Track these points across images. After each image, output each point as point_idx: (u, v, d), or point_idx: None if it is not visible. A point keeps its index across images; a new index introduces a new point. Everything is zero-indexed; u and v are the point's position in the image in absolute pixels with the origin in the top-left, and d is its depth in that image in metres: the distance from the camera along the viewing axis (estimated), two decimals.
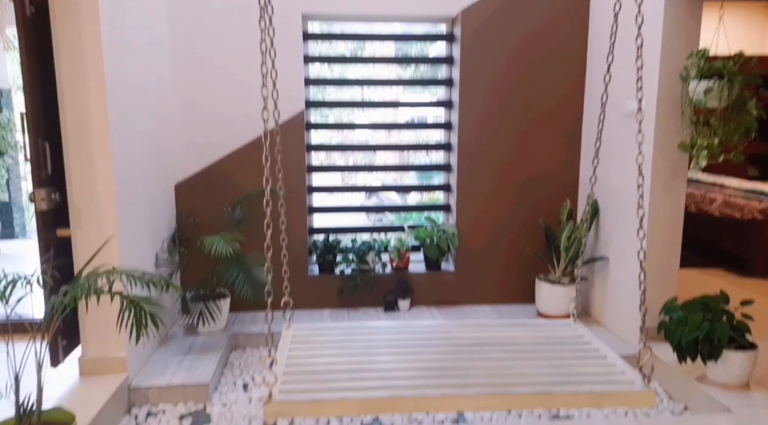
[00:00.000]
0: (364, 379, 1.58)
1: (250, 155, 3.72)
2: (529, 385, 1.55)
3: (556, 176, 3.90)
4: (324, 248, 3.93)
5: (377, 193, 4.71)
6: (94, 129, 2.61)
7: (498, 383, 1.55)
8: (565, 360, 1.72)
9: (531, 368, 1.66)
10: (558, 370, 1.65)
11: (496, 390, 1.51)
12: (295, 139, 3.77)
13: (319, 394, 1.50)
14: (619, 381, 1.60)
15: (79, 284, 2.05)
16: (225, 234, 3.24)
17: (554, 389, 1.53)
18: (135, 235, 2.94)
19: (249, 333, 3.51)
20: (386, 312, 3.84)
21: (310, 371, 1.64)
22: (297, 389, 1.53)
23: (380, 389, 1.52)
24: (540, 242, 3.90)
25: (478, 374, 1.62)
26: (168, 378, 2.84)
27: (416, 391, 1.50)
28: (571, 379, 1.60)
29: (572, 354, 1.77)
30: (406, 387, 1.52)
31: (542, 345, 1.84)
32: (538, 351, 1.79)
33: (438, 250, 3.87)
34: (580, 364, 1.70)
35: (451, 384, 1.54)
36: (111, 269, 2.16)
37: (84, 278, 2.07)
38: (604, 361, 1.72)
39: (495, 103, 3.81)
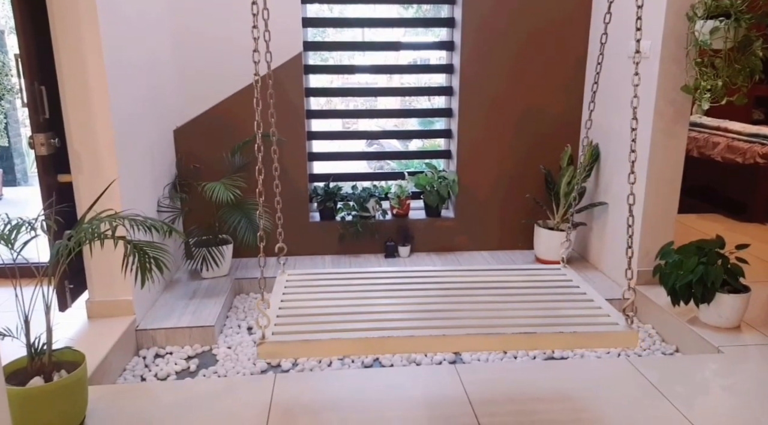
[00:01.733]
0: (358, 321, 1.64)
1: (249, 99, 3.68)
2: (515, 327, 1.60)
3: (559, 121, 3.85)
4: (324, 195, 3.95)
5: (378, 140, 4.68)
6: (90, 72, 2.59)
7: (486, 324, 1.60)
8: (552, 303, 1.76)
9: (519, 310, 1.71)
10: (545, 313, 1.70)
11: (484, 332, 1.56)
12: (293, 83, 3.71)
13: (312, 335, 1.55)
14: (603, 323, 1.64)
15: (83, 229, 2.09)
16: (225, 180, 3.26)
17: (540, 330, 1.58)
18: (136, 180, 2.97)
19: (252, 277, 3.60)
20: (387, 259, 3.90)
21: (303, 313, 1.70)
22: (290, 330, 1.58)
23: (373, 330, 1.57)
24: (540, 188, 3.90)
25: (468, 316, 1.66)
26: (174, 320, 2.94)
27: (408, 332, 1.55)
28: (557, 321, 1.65)
29: (560, 297, 1.82)
30: (398, 329, 1.58)
31: (532, 288, 1.88)
32: (527, 294, 1.84)
33: (438, 197, 3.89)
34: (567, 306, 1.75)
35: (442, 326, 1.59)
36: (114, 214, 2.19)
37: (87, 222, 2.10)
38: (591, 304, 1.76)
39: (497, 45, 3.71)
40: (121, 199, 2.74)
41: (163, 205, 3.35)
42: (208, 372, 2.65)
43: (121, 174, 2.75)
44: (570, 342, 1.57)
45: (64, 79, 2.59)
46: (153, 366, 2.71)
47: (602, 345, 1.57)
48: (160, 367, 2.68)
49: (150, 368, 2.69)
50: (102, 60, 2.58)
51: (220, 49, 3.59)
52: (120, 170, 2.74)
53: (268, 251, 3.84)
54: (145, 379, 2.59)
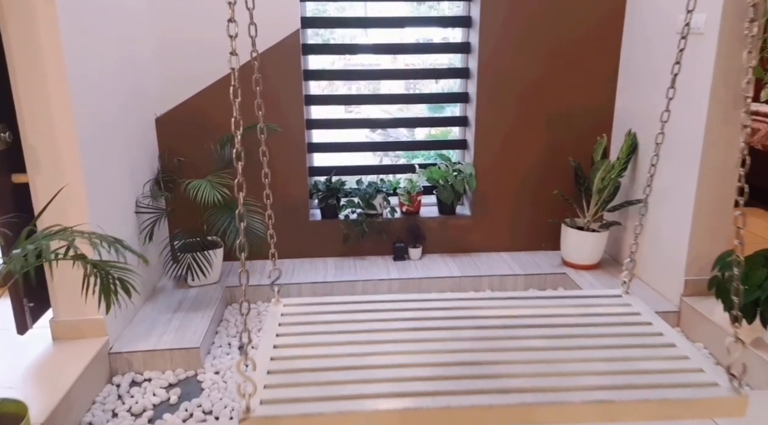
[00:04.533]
0: (371, 381, 1.24)
1: (241, 83, 3.24)
2: (582, 390, 1.20)
3: (591, 108, 3.41)
4: (326, 191, 3.53)
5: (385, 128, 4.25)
6: (45, 50, 2.15)
7: (541, 387, 1.20)
8: (622, 350, 1.36)
9: (580, 362, 1.31)
10: (615, 366, 1.30)
11: (542, 399, 1.16)
12: (289, 64, 3.27)
13: (313, 405, 1.15)
14: (698, 383, 1.24)
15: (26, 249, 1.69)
16: (212, 178, 2.84)
17: (617, 395, 1.18)
18: (108, 178, 2.55)
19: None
20: (396, 261, 3.50)
21: (301, 368, 1.30)
22: (283, 398, 1.18)
23: (391, 396, 1.18)
24: (568, 183, 3.48)
25: (514, 371, 1.26)
26: (154, 340, 2.55)
27: (437, 400, 1.16)
28: (635, 380, 1.24)
29: (630, 340, 1.41)
30: (425, 394, 1.18)
31: (590, 326, 1.47)
32: (585, 335, 1.43)
33: (453, 192, 3.47)
34: (642, 355, 1.34)
35: (482, 389, 1.20)
36: (65, 230, 1.79)
37: (29, 241, 1.70)
38: (674, 351, 1.36)
39: (521, 21, 3.26)
40: (87, 202, 2.33)
41: (142, 205, 2.94)
42: (191, 405, 2.26)
43: (87, 172, 2.33)
44: (657, 412, 1.17)
45: (13, 59, 2.16)
46: (127, 397, 2.32)
47: (702, 415, 1.17)
48: (135, 399, 2.30)
49: (124, 399, 2.30)
50: (58, 36, 2.15)
51: (208, 26, 3.15)
52: (86, 167, 2.32)
53: (264, 255, 3.44)
54: (117, 415, 2.21)
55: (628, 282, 1.68)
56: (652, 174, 1.69)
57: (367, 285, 3.24)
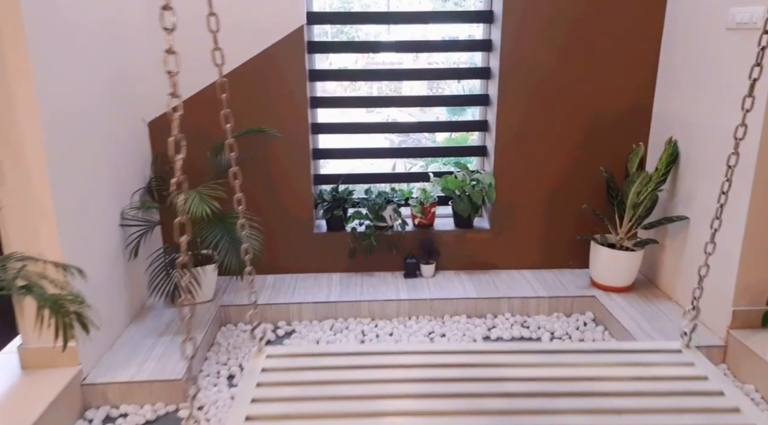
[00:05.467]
0: None
1: (240, 83, 2.98)
2: None
3: (625, 113, 3.08)
4: (332, 201, 3.25)
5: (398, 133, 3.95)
6: (6, 40, 1.90)
7: None
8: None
9: None
10: None
11: None
12: (293, 63, 2.99)
13: None
14: None
15: None
16: (202, 188, 2.58)
17: None
18: (87, 188, 2.30)
19: (241, 303, 2.93)
20: (406, 278, 3.20)
21: None
22: None
23: None
24: (599, 195, 3.14)
25: None
26: (133, 370, 2.29)
27: None
28: None
29: (698, 417, 1.10)
30: None
31: (646, 397, 1.16)
32: (640, 408, 1.12)
33: (470, 204, 3.16)
34: None
35: None
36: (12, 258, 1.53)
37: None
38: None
39: (548, 16, 2.94)
40: (56, 216, 2.07)
41: (128, 217, 2.68)
42: None
43: (58, 183, 2.08)
44: None
45: None
46: None
47: None
48: None
49: None
50: (21, 24, 1.89)
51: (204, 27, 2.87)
52: (56, 177, 2.07)
53: (261, 269, 3.18)
54: None
55: (689, 333, 1.36)
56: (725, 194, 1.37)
57: (373, 306, 2.95)
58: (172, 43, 1.07)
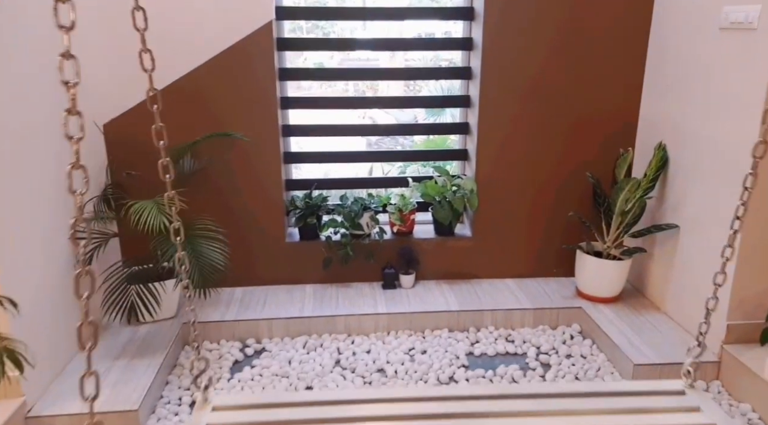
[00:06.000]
0: None
1: (205, 82, 2.77)
2: None
3: (612, 117, 2.95)
4: (305, 208, 3.06)
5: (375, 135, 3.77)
6: None
7: None
8: None
9: None
10: None
11: None
12: (261, 62, 2.79)
13: None
14: None
15: None
16: (159, 198, 2.36)
17: None
18: (30, 198, 2.07)
19: (206, 320, 2.73)
20: (385, 290, 3.03)
21: None
22: None
23: None
24: (585, 201, 3.02)
25: None
26: (80, 404, 2.06)
27: None
28: None
29: None
30: None
31: None
32: None
33: (451, 210, 3.00)
34: None
35: None
36: None
37: None
38: None
39: (532, 14, 2.79)
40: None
41: (80, 228, 2.45)
42: None
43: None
44: None
45: None
46: None
47: None
48: None
49: None
50: None
51: (168, 14, 2.65)
52: None
53: (229, 281, 2.98)
54: None
55: (693, 373, 1.22)
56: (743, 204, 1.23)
57: (350, 321, 2.77)
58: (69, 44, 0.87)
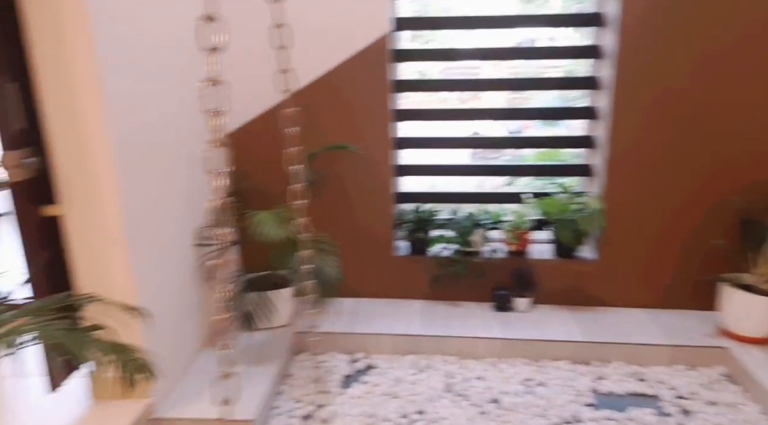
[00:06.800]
0: None
1: (324, 95, 2.80)
2: None
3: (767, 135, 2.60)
4: (415, 222, 2.99)
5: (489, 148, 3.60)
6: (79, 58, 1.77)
7: None
8: None
9: None
10: None
11: None
12: (376, 73, 2.77)
13: None
14: None
15: None
16: (280, 210, 2.39)
17: None
18: (160, 206, 2.17)
19: (316, 332, 2.72)
20: (497, 312, 2.87)
21: None
22: None
23: None
24: (729, 228, 2.68)
25: None
26: (203, 405, 2.12)
27: None
28: None
29: None
30: None
31: None
32: None
33: (574, 231, 2.78)
34: None
35: None
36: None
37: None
38: None
39: (678, 21, 2.53)
40: (126, 236, 1.93)
41: (203, 237, 2.54)
42: None
43: (128, 202, 1.94)
44: None
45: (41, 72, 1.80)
46: None
47: None
48: None
49: None
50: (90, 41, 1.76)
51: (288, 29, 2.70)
52: (126, 196, 1.93)
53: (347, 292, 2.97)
54: None
55: None
56: None
57: (461, 344, 2.64)
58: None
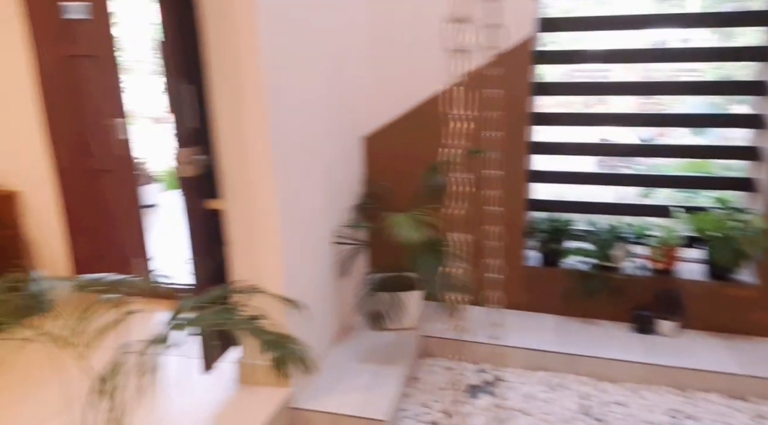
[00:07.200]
0: None
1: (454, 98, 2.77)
2: None
3: None
4: (549, 232, 2.87)
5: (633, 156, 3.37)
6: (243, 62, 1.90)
7: None
8: None
9: None
10: None
11: None
12: (517, 76, 2.69)
13: None
14: None
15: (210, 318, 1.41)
16: (416, 213, 2.39)
17: None
18: (305, 204, 2.27)
19: (445, 336, 2.70)
20: (638, 333, 2.67)
21: None
22: None
23: None
24: None
25: None
26: (338, 400, 2.18)
27: None
28: None
29: None
30: None
31: None
32: None
33: (732, 251, 2.52)
34: None
35: None
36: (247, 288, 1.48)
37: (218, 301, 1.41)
38: None
39: None
40: (280, 232, 2.04)
41: (341, 235, 2.63)
42: None
43: (283, 199, 2.05)
44: None
45: (215, 77, 1.94)
46: None
47: None
48: None
49: None
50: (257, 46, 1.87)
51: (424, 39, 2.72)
52: (281, 193, 2.04)
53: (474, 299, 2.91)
54: None
55: None
56: None
57: (596, 365, 2.50)
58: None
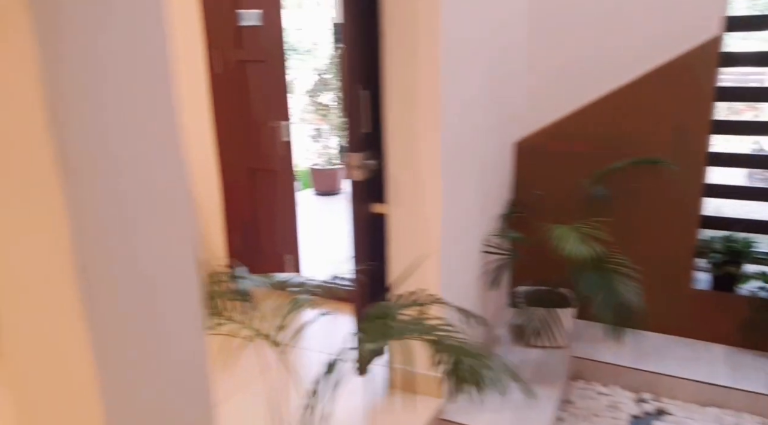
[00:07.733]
0: None
1: (627, 105, 2.57)
2: None
3: None
4: (724, 253, 2.56)
5: None
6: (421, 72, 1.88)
7: None
8: None
9: None
10: None
11: None
12: (698, 79, 2.42)
13: None
14: None
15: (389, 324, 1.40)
16: (581, 226, 2.24)
17: None
18: (461, 213, 2.21)
19: (600, 359, 2.52)
20: None
21: None
22: None
23: None
24: None
25: None
26: (490, 417, 2.10)
27: None
28: None
29: None
30: None
31: None
32: None
33: None
34: None
35: None
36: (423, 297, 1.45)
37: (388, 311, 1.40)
38: None
39: None
40: (440, 238, 2.00)
41: (491, 244, 2.54)
42: None
43: (445, 206, 2.01)
44: None
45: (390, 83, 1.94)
46: None
47: None
48: None
49: None
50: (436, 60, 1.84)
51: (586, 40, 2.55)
52: (446, 199, 2.00)
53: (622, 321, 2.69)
54: None
55: None
56: None
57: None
58: None
